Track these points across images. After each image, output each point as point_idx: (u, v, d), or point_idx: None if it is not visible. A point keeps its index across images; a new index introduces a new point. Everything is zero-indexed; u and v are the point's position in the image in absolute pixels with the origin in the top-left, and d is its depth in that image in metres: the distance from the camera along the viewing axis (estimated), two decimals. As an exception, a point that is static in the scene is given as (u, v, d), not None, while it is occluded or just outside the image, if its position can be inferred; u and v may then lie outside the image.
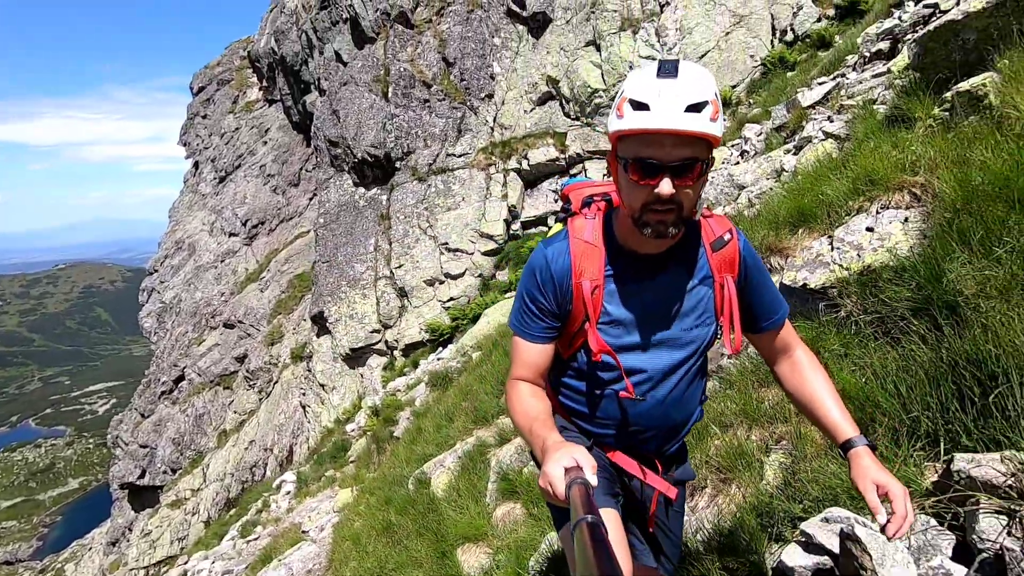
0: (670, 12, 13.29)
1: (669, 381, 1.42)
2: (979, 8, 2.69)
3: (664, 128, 1.10)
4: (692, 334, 1.39)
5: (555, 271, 1.35)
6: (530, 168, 14.17)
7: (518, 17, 15.56)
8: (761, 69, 11.85)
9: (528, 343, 1.42)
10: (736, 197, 4.34)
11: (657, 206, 1.17)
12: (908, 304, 2.12)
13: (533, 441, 1.26)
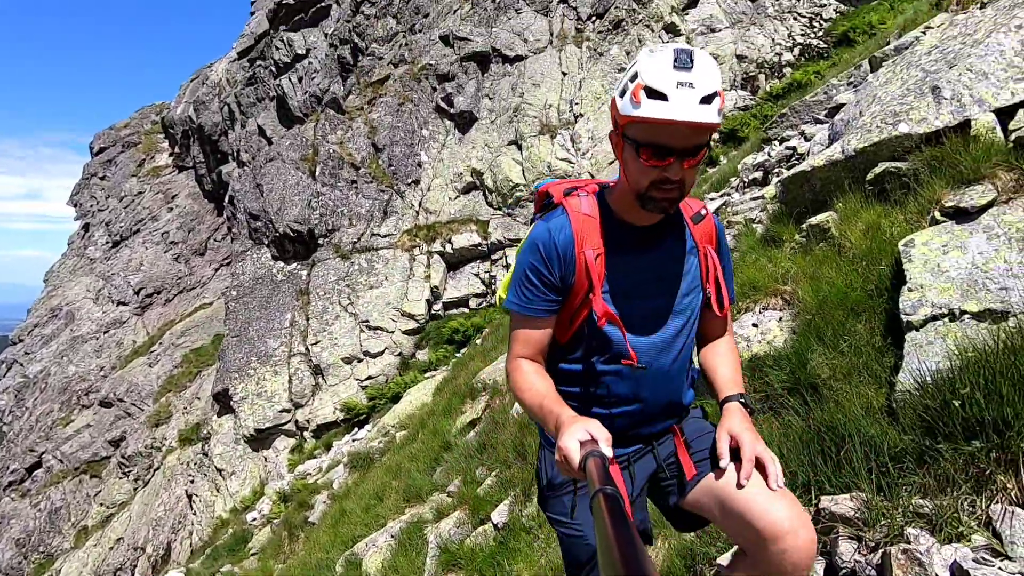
0: (583, 122, 15.02)
1: (668, 352, 1.44)
2: (821, 164, 3.64)
3: (682, 120, 1.17)
4: (685, 302, 1.45)
5: (559, 242, 1.38)
6: (453, 252, 14.80)
7: (446, 113, 16.78)
8: (660, 178, 13.56)
9: (530, 318, 1.42)
10: None
11: (664, 186, 1.26)
12: (784, 384, 2.74)
13: (545, 417, 1.27)
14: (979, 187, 2.60)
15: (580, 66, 15.84)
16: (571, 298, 1.41)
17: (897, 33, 8.01)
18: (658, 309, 1.43)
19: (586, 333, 1.43)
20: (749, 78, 14.83)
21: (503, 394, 5.79)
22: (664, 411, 1.50)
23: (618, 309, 1.37)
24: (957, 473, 1.81)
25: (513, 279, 1.49)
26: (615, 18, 15.84)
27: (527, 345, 1.44)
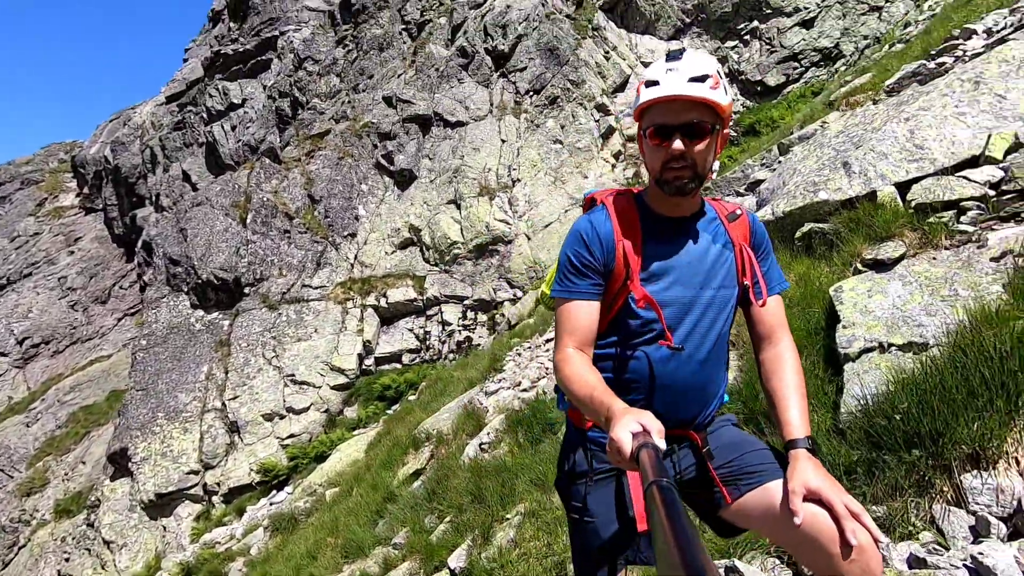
0: (521, 187, 15.71)
1: (704, 339, 1.48)
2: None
3: (671, 95, 1.31)
4: (722, 294, 1.49)
5: (600, 233, 1.47)
6: (388, 306, 14.60)
7: (386, 170, 17.01)
8: (593, 242, 14.30)
9: (576, 302, 1.46)
10: None
11: (673, 164, 1.35)
12: (740, 414, 2.96)
13: (596, 408, 1.27)
14: (891, 243, 3.06)
15: (518, 135, 16.74)
16: (610, 284, 1.48)
17: (799, 125, 9.22)
18: (694, 297, 1.47)
19: (624, 318, 1.48)
20: (671, 157, 16.24)
21: (449, 443, 5.69)
22: (697, 399, 1.51)
23: (655, 294, 1.43)
24: (902, 480, 2.05)
25: (558, 271, 1.55)
26: (551, 95, 17.04)
27: (575, 333, 1.46)
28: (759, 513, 1.37)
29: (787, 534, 1.29)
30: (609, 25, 18.83)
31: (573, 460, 1.59)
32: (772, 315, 1.55)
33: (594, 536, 1.50)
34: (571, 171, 15.83)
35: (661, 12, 18.96)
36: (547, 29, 17.81)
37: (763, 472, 1.39)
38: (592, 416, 1.31)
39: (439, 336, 14.25)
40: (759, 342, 1.56)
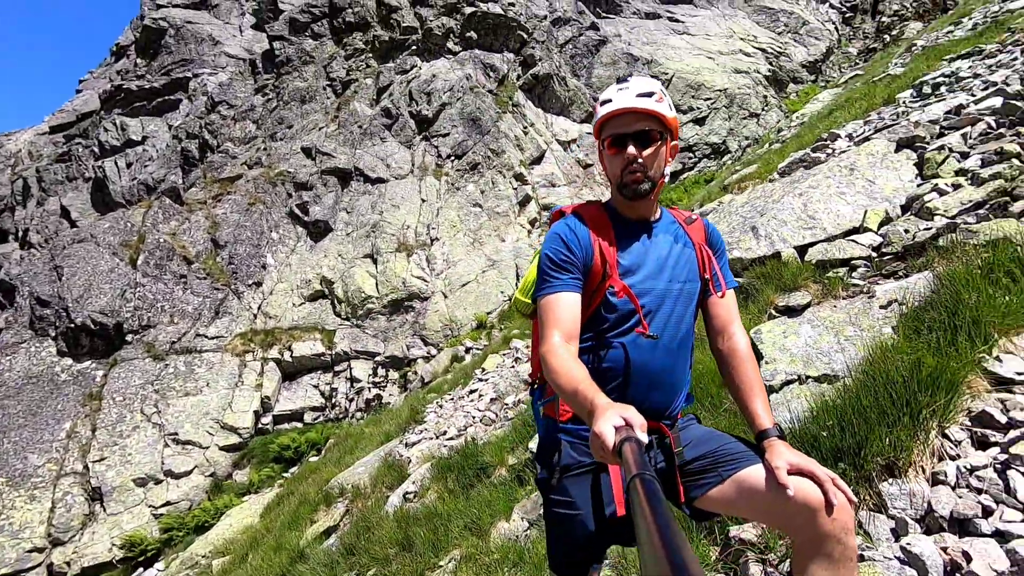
0: (439, 246, 15.87)
1: (676, 328, 1.61)
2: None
3: (623, 107, 1.54)
4: (687, 287, 1.65)
5: (578, 233, 1.62)
6: (292, 360, 13.78)
7: (300, 220, 16.54)
8: (508, 303, 14.60)
9: (559, 295, 1.55)
10: (524, 390, 5.35)
11: (629, 169, 1.55)
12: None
13: (580, 402, 1.31)
14: (799, 293, 3.48)
15: (439, 196, 17.10)
16: (588, 282, 1.59)
17: (698, 204, 10.27)
18: (663, 290, 1.61)
19: (602, 313, 1.59)
20: (583, 227, 17.27)
21: (368, 496, 5.33)
22: (669, 388, 1.61)
23: (631, 287, 1.57)
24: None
25: (538, 273, 1.65)
26: (473, 161, 17.73)
27: (560, 323, 1.52)
28: (743, 494, 1.46)
29: (776, 507, 1.40)
30: (528, 104, 20.21)
31: (558, 455, 1.62)
32: (727, 309, 1.70)
33: (582, 528, 1.53)
34: (489, 233, 16.29)
35: (575, 98, 20.72)
36: (470, 101, 18.77)
37: (742, 458, 1.50)
38: (576, 409, 1.34)
39: (347, 393, 13.56)
40: (715, 335, 1.70)
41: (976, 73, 6.62)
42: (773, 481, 1.40)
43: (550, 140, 19.64)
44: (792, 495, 1.35)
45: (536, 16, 21.73)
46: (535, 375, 1.92)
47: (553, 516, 1.61)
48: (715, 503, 1.52)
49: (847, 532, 1.35)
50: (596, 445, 1.13)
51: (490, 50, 20.78)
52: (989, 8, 12.90)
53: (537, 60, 20.56)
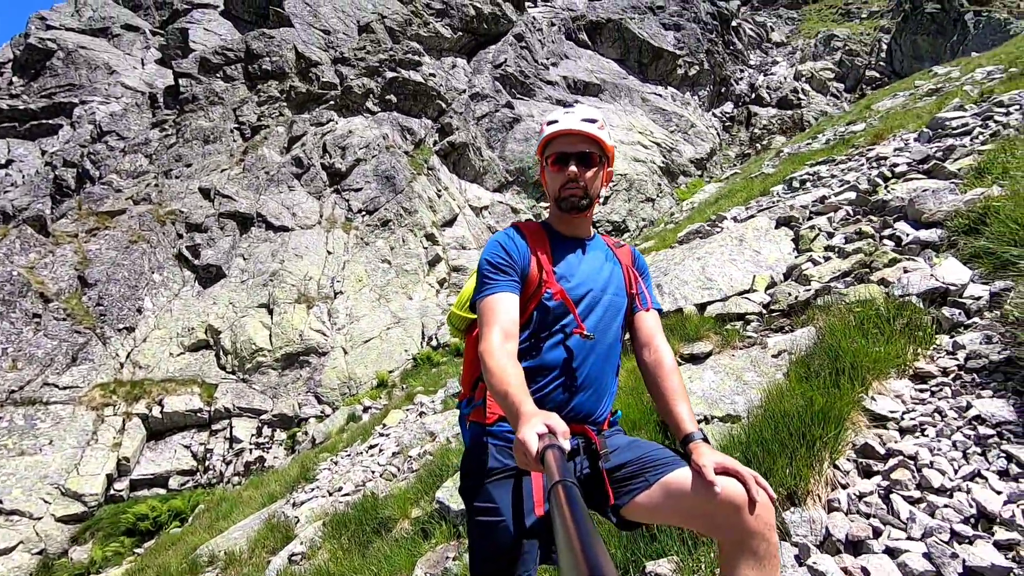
0: (343, 300, 15.29)
1: (606, 332, 1.69)
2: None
3: (567, 129, 1.68)
4: (616, 299, 1.74)
5: (516, 243, 1.70)
6: (162, 416, 12.27)
7: (189, 263, 15.31)
8: (412, 362, 14.20)
9: (498, 295, 1.58)
10: (434, 438, 5.12)
11: (570, 185, 1.67)
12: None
13: (508, 405, 1.33)
14: (701, 343, 3.72)
15: (346, 249, 16.68)
16: (525, 287, 1.65)
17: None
18: (598, 296, 1.70)
19: (538, 317, 1.64)
20: (490, 290, 17.51)
21: (244, 562, 4.68)
22: (597, 393, 1.66)
23: (566, 291, 1.64)
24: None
25: (478, 279, 1.68)
26: (384, 217, 17.62)
27: (499, 322, 1.54)
28: (670, 498, 1.48)
29: (702, 508, 1.43)
30: (443, 169, 20.71)
31: (482, 459, 1.59)
32: (652, 324, 1.81)
33: (504, 534, 1.48)
34: (396, 291, 16.01)
35: (489, 168, 21.58)
36: (386, 159, 18.91)
37: (669, 463, 1.53)
38: (505, 412, 1.36)
39: (223, 455, 12.20)
40: (641, 348, 1.78)
41: (833, 174, 7.79)
42: (699, 482, 1.43)
43: (463, 205, 20.11)
44: (719, 492, 1.38)
45: (456, 89, 22.77)
46: (467, 393, 1.88)
47: (476, 526, 1.55)
48: (642, 509, 1.52)
49: (770, 529, 1.40)
50: (520, 451, 1.14)
51: (409, 114, 21.32)
52: (836, 129, 15.43)
53: (454, 129, 21.34)
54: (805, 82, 30.24)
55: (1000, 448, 2.12)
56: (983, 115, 7.15)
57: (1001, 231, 3.40)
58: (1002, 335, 2.72)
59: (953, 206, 4.09)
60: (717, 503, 1.40)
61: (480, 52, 25.51)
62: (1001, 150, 5.15)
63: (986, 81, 11.54)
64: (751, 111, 29.69)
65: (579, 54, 28.41)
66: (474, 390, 1.83)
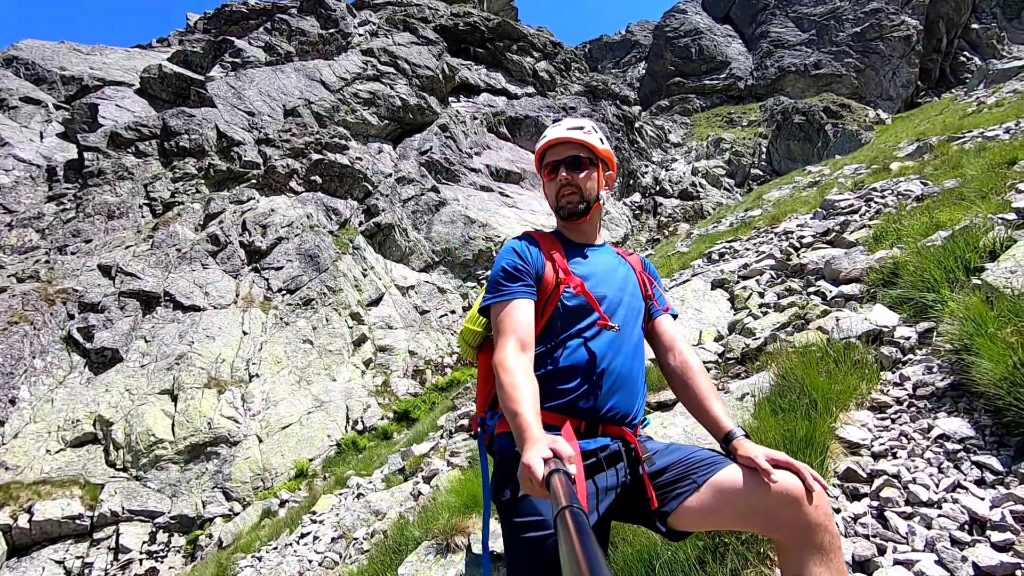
0: (259, 383, 14.19)
1: (633, 332, 1.67)
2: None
3: (555, 138, 1.75)
4: (635, 302, 1.74)
5: (531, 250, 1.70)
6: (31, 527, 10.41)
7: (79, 347, 13.73)
8: (336, 448, 13.21)
9: (513, 303, 1.55)
10: (382, 516, 4.68)
11: (564, 191, 1.72)
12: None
13: (516, 426, 1.29)
14: (667, 391, 3.79)
15: (264, 329, 15.74)
16: (542, 290, 1.62)
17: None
18: (618, 296, 1.69)
19: (558, 316, 1.60)
20: (418, 371, 17.02)
21: None
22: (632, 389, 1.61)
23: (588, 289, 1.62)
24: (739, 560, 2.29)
25: (490, 286, 1.66)
26: (307, 296, 16.97)
27: (515, 331, 1.50)
28: (722, 498, 1.41)
29: (758, 504, 1.36)
30: (369, 248, 20.55)
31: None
32: (672, 328, 1.80)
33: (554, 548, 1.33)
34: (319, 372, 15.14)
35: (415, 248, 21.69)
36: (310, 238, 18.54)
37: (716, 462, 1.48)
38: (513, 432, 1.31)
39: (106, 569, 10.40)
40: (665, 352, 1.76)
41: (747, 247, 8.57)
42: (752, 478, 1.39)
43: (389, 284, 19.86)
44: (776, 484, 1.34)
45: (382, 172, 23.20)
46: (482, 412, 1.78)
47: (520, 544, 1.40)
48: (692, 514, 1.44)
49: (831, 519, 1.37)
50: (525, 477, 1.11)
51: (334, 195, 21.29)
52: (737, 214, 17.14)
53: (380, 210, 21.49)
54: (701, 177, 33.74)
55: (971, 460, 2.27)
56: (864, 197, 8.27)
57: (914, 281, 3.84)
58: (940, 365, 3.00)
59: (867, 264, 4.60)
60: (774, 497, 1.35)
61: (406, 139, 26.42)
62: (889, 222, 5.93)
63: (854, 176, 13.43)
64: (656, 201, 32.46)
65: (500, 145, 30.17)
66: (493, 407, 1.74)
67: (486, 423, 1.72)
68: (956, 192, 6.10)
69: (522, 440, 1.22)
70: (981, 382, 2.42)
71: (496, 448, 1.65)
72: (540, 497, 1.12)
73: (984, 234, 3.84)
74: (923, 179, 8.05)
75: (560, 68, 38.20)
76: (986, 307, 2.74)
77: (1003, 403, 2.26)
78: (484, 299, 1.67)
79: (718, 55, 48.87)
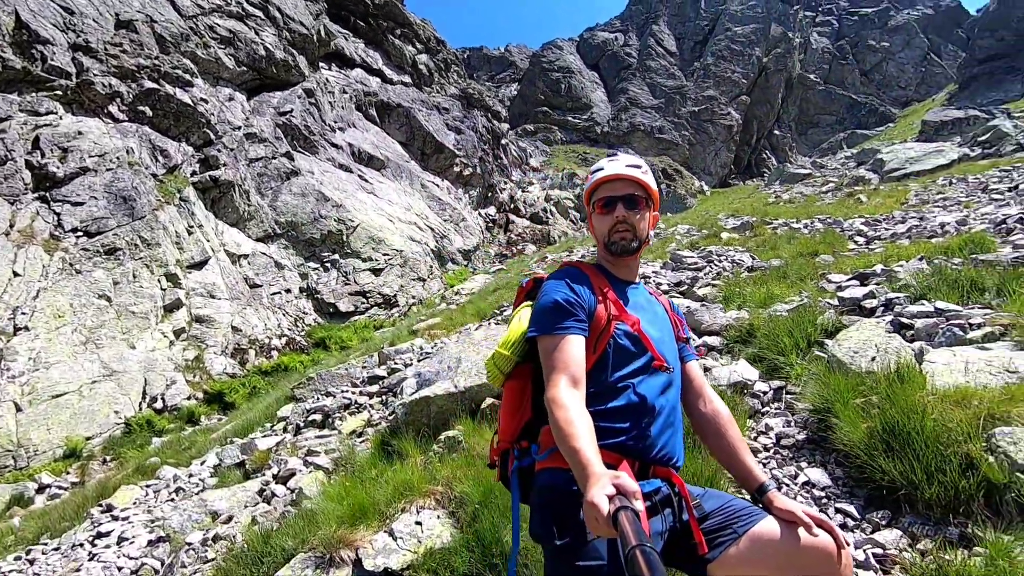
0: (27, 338, 11.51)
1: (677, 373, 1.69)
2: (441, 394, 4.46)
3: (613, 174, 1.73)
4: (672, 343, 1.75)
5: (583, 283, 1.65)
6: None
7: None
8: (124, 428, 11.23)
9: (567, 338, 1.51)
10: (227, 519, 4.04)
11: (618, 227, 1.70)
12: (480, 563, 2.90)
13: (575, 464, 1.26)
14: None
15: (45, 274, 12.86)
16: (593, 325, 1.60)
17: (389, 343, 10.56)
18: (660, 335, 1.70)
19: (611, 354, 1.58)
20: (240, 350, 15.32)
21: None
22: (678, 431, 1.63)
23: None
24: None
25: (541, 315, 1.60)
26: (111, 244, 14.27)
27: (567, 368, 1.47)
28: (760, 550, 1.47)
29: (794, 559, 1.46)
30: (199, 204, 18.05)
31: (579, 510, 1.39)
32: (701, 374, 1.84)
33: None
34: (115, 335, 12.78)
35: (255, 215, 19.62)
36: (125, 176, 15.70)
37: (754, 513, 1.55)
38: (573, 469, 1.29)
39: None
40: (695, 398, 1.79)
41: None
42: (788, 532, 1.47)
43: (218, 248, 17.63)
44: (814, 540, 1.44)
45: (229, 122, 20.65)
46: (507, 442, 1.69)
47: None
48: (732, 564, 1.49)
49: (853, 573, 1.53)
50: (591, 515, 1.08)
51: (165, 134, 18.36)
52: (588, 248, 18.50)
53: (220, 164, 19.06)
54: (553, 205, 35.94)
55: (834, 506, 2.75)
56: (706, 258, 9.55)
57: (768, 344, 4.53)
58: (796, 421, 3.59)
59: (726, 321, 5.31)
60: (812, 552, 1.44)
61: (264, 94, 23.91)
62: (732, 285, 6.93)
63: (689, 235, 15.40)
64: (510, 218, 33.74)
65: (367, 127, 28.84)
66: (522, 438, 1.66)
67: (525, 454, 1.64)
68: (781, 271, 7.36)
69: (584, 477, 1.18)
70: (842, 441, 2.94)
71: (540, 483, 1.57)
72: (606, 536, 1.09)
73: (820, 314, 4.71)
74: (751, 253, 9.59)
75: (440, 66, 37.92)
76: (842, 378, 3.35)
77: (860, 461, 2.78)
78: (532, 329, 1.61)
79: (583, 97, 52.82)
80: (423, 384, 5.25)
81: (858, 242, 9.05)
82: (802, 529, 1.47)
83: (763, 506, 1.58)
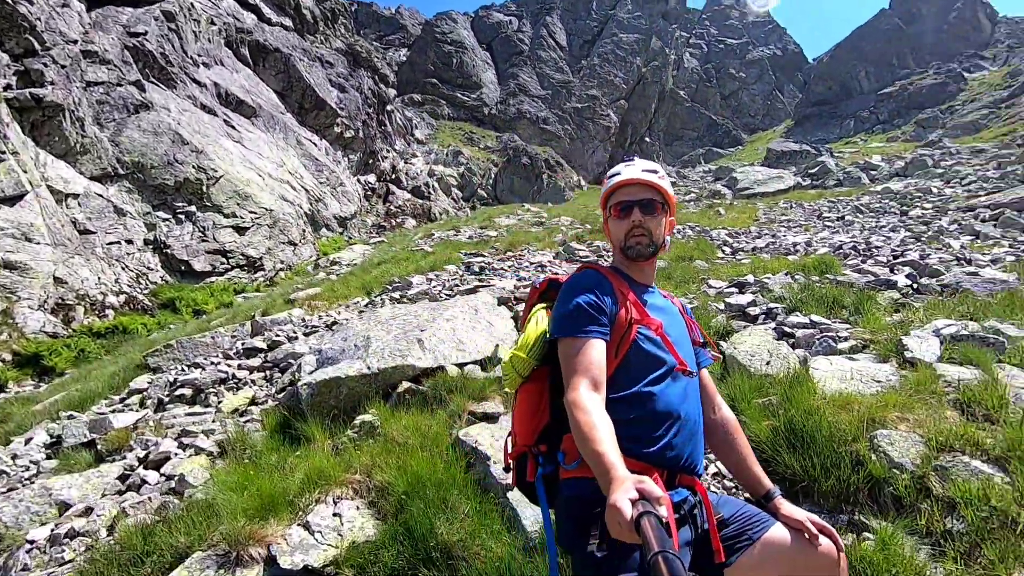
0: None
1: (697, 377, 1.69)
2: (353, 375, 4.18)
3: (630, 178, 1.71)
4: (689, 346, 1.74)
5: (605, 287, 1.63)
6: None
7: None
8: None
9: (589, 341, 1.50)
10: (81, 512, 3.38)
11: (635, 232, 1.69)
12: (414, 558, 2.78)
13: (597, 466, 1.25)
14: (490, 402, 3.91)
15: None
16: (615, 328, 1.58)
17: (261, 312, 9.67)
18: (679, 338, 1.69)
19: (633, 358, 1.56)
20: (64, 305, 13.04)
21: None
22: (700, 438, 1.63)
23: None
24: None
25: (562, 317, 1.57)
26: None
27: (588, 371, 1.46)
28: (771, 556, 1.55)
29: (803, 564, 1.55)
30: (15, 127, 14.89)
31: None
32: (710, 381, 1.85)
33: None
34: None
35: (91, 148, 16.73)
36: (-90, 78, 12.42)
37: (765, 519, 1.62)
38: (595, 471, 1.27)
39: None
40: (707, 406, 1.79)
41: (505, 269, 9.41)
42: (798, 538, 1.57)
43: (39, 183, 14.73)
44: (820, 547, 1.55)
45: (62, 34, 17.25)
46: (523, 447, 1.62)
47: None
48: (744, 569, 1.53)
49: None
50: (613, 519, 1.07)
51: (-29, 33, 14.82)
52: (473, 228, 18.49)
53: (47, 82, 15.89)
54: (436, 181, 35.31)
55: (743, 496, 3.05)
56: (596, 253, 10.03)
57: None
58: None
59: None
60: (818, 559, 1.54)
61: (110, 7, 20.33)
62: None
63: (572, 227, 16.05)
64: (390, 189, 32.54)
65: (238, 68, 25.86)
66: (540, 442, 1.59)
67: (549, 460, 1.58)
68: (666, 272, 7.97)
69: (607, 481, 1.17)
70: (749, 437, 3.27)
71: (567, 494, 1.52)
72: (628, 541, 1.06)
73: (713, 317, 5.18)
74: (636, 252, 10.25)
75: (327, 15, 35.12)
76: (745, 379, 3.72)
77: (767, 455, 3.12)
78: (554, 330, 1.58)
79: (474, 75, 52.34)
80: (325, 362, 4.89)
81: (725, 252, 10.10)
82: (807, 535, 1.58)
83: (772, 513, 1.65)
